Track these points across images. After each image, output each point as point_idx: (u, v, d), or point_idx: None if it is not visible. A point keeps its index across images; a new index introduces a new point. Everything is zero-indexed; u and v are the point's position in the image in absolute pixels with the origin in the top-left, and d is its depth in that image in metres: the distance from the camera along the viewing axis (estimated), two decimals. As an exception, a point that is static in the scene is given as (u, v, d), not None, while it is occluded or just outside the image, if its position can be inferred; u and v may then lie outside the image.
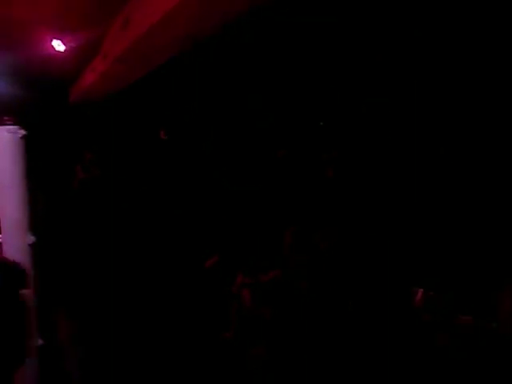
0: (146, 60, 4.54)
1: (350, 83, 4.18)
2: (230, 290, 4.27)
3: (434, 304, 2.99)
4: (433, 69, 3.46)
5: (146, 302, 4.51)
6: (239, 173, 5.35)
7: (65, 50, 5.55)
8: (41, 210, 5.28)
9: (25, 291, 2.03)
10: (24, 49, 5.68)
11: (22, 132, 2.79)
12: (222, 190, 5.46)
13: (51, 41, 5.39)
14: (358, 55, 4.06)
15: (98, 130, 7.39)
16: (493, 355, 2.58)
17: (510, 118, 3.04)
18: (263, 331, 3.74)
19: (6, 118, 2.69)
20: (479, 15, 3.10)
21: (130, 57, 4.42)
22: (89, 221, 5.28)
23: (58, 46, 5.46)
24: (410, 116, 3.63)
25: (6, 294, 1.92)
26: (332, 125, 4.43)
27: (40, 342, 2.69)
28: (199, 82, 5.91)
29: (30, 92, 6.66)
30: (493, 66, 3.11)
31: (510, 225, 3.07)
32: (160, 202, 6.16)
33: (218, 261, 4.74)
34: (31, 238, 2.74)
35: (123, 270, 4.71)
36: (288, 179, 4.60)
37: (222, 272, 4.56)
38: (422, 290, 3.08)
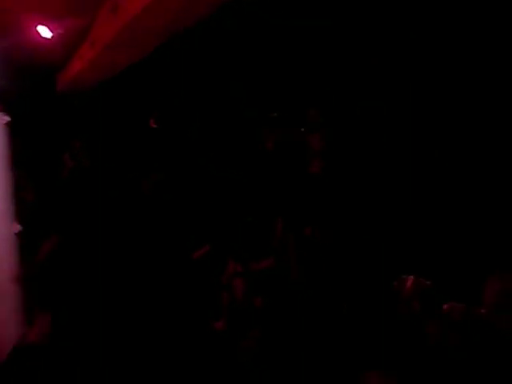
0: (135, 46, 4.47)
1: (338, 77, 4.17)
2: (220, 280, 4.26)
3: (424, 291, 2.99)
4: (428, 71, 3.46)
5: (135, 292, 4.47)
6: (230, 161, 5.31)
7: (52, 38, 5.44)
8: (29, 198, 5.23)
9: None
10: (10, 36, 5.57)
11: (7, 118, 2.74)
12: (213, 178, 5.42)
13: (38, 28, 5.28)
14: (343, 50, 4.05)
15: (87, 119, 7.29)
16: (482, 343, 2.59)
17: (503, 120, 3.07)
18: (255, 321, 3.73)
19: (-10, 105, 2.64)
20: (474, 18, 3.10)
21: (119, 43, 4.34)
22: (78, 210, 5.22)
23: (45, 33, 5.36)
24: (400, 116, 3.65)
25: None
26: (320, 114, 4.41)
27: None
28: (188, 70, 5.85)
29: (16, 80, 6.54)
30: (488, 69, 3.12)
31: (496, 215, 3.10)
32: (149, 191, 6.11)
33: (208, 250, 4.72)
34: (17, 227, 2.70)
35: (112, 260, 4.67)
36: (278, 169, 4.58)
37: (213, 262, 4.54)
38: (412, 277, 3.08)
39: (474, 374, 2.54)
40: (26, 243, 3.19)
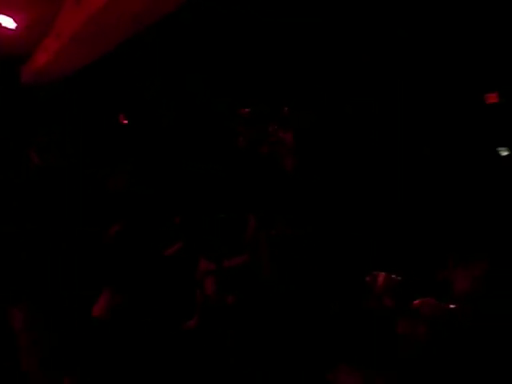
0: (102, 38, 4.33)
1: (312, 74, 4.17)
2: (193, 278, 4.21)
3: (395, 287, 3.02)
4: (418, 69, 3.49)
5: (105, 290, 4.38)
6: (202, 157, 5.25)
7: (15, 28, 5.26)
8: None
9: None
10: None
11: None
12: (184, 175, 5.35)
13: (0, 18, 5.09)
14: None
15: (54, 113, 7.09)
16: (453, 337, 2.62)
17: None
18: (228, 318, 3.71)
19: None
20: (463, 15, 3.13)
21: (84, 36, 4.20)
22: (43, 208, 5.10)
23: (8, 23, 5.17)
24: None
25: None
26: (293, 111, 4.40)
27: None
28: (158, 63, 5.74)
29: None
30: (477, 65, 3.17)
31: (462, 208, 3.16)
32: (120, 187, 6.00)
33: (181, 247, 4.65)
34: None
35: (79, 260, 4.56)
36: (251, 166, 4.56)
37: (185, 259, 4.48)
38: (383, 273, 3.10)
39: (444, 367, 2.57)
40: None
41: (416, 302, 2.88)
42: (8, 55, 6.52)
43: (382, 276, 3.05)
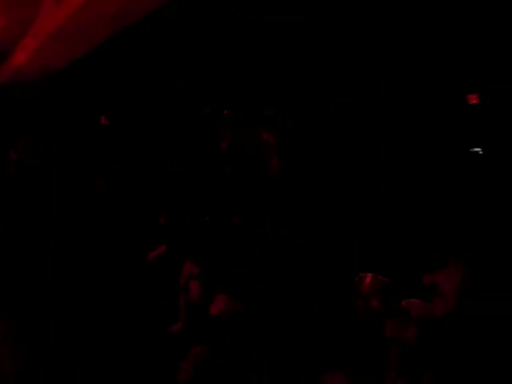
0: (81, 38, 4.26)
1: (296, 74, 4.16)
2: (177, 282, 4.15)
3: (382, 288, 3.01)
4: (400, 69, 3.51)
5: (88, 296, 4.31)
6: (187, 160, 5.21)
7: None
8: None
9: None
10: None
11: None
12: (169, 178, 5.30)
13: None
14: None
15: (33, 114, 6.97)
16: (441, 338, 2.62)
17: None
18: (212, 323, 3.66)
19: None
20: (444, 16, 3.15)
21: (64, 34, 4.13)
22: (23, 210, 5.01)
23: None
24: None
25: None
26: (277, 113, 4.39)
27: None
28: (141, 64, 5.69)
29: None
30: (458, 66, 3.20)
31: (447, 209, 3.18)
32: (103, 189, 5.92)
33: (164, 251, 4.60)
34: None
35: (62, 264, 4.48)
36: (236, 168, 4.53)
37: (169, 263, 4.43)
38: (370, 274, 3.09)
39: (434, 369, 2.57)
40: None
41: (403, 303, 2.87)
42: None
43: (369, 277, 3.03)
